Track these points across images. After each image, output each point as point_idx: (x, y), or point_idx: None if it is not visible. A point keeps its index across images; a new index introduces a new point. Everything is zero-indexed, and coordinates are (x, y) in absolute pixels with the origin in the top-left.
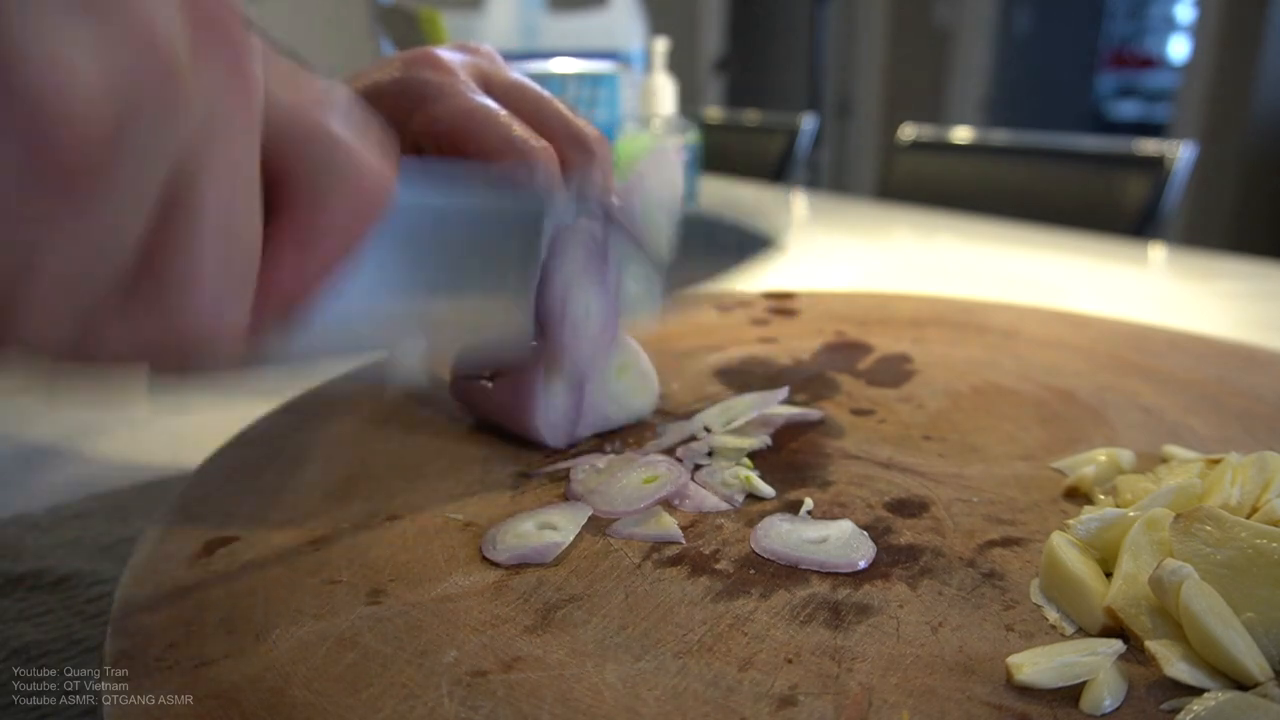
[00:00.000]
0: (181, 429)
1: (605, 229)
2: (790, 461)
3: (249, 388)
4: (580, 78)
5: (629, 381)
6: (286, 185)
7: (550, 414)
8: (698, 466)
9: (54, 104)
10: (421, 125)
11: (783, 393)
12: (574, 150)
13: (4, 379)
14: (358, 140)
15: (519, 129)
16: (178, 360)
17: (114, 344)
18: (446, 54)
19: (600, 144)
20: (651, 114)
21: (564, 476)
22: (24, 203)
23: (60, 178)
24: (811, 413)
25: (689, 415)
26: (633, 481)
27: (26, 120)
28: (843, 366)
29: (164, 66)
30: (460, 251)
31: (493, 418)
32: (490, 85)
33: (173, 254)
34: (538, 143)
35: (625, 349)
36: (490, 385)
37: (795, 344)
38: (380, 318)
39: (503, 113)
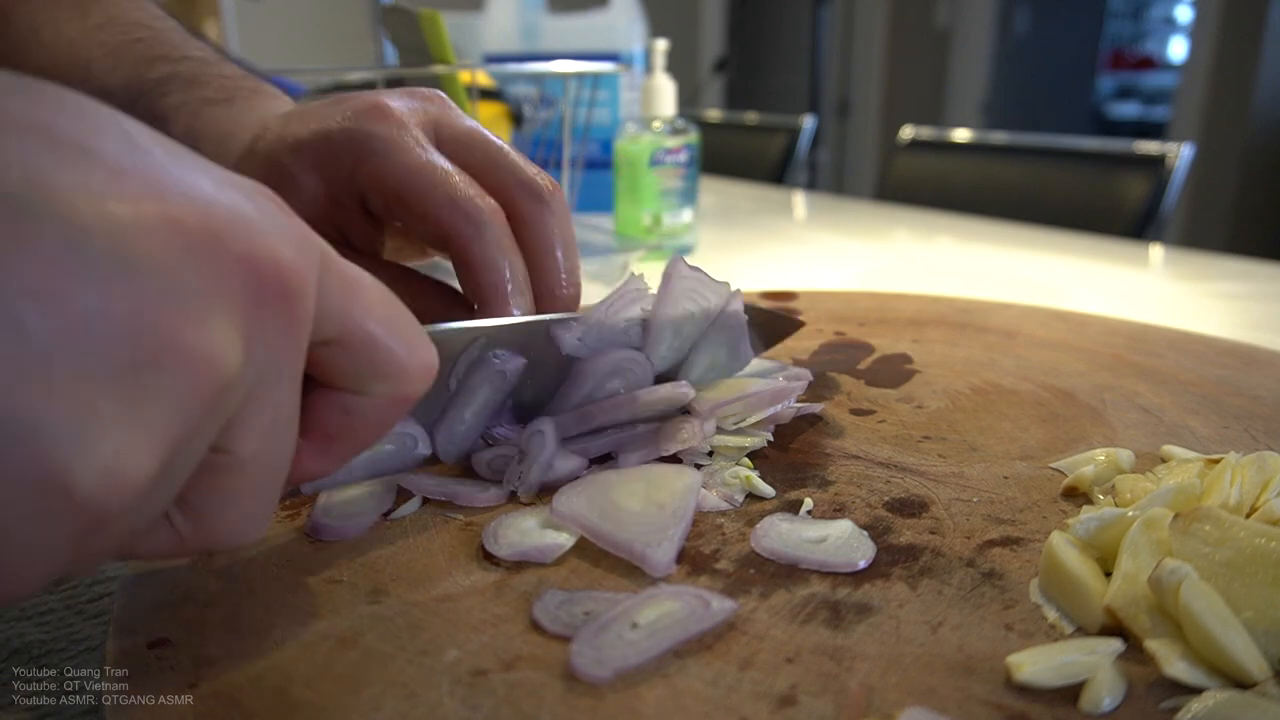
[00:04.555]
0: None
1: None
2: (790, 461)
3: None
4: (580, 78)
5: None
6: (322, 383)
7: (453, 428)
8: (698, 466)
9: (108, 499)
10: (368, 180)
11: (803, 383)
12: (527, 200)
13: None
14: (402, 343)
15: (465, 188)
16: (206, 552)
17: (148, 554)
18: (396, 103)
19: (553, 193)
20: (651, 115)
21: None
22: (81, 543)
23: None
24: (813, 405)
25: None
26: None
27: (85, 516)
28: (843, 366)
29: (217, 391)
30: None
31: None
32: (440, 134)
33: (211, 492)
34: (484, 202)
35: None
36: None
37: (795, 344)
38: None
39: (451, 170)
